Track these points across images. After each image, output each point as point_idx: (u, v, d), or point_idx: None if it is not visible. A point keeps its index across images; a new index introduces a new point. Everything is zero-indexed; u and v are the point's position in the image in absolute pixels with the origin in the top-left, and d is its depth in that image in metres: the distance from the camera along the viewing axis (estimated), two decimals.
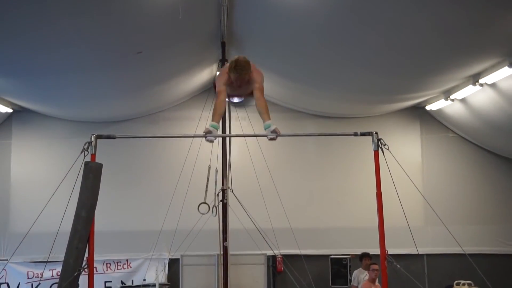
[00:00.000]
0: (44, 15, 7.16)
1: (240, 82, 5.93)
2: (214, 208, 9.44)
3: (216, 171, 9.77)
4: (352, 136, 6.17)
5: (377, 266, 9.57)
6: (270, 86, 12.17)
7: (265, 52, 10.13)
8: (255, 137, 10.98)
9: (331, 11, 7.68)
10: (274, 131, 5.88)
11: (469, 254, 7.65)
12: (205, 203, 9.32)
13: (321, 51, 9.24)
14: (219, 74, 6.18)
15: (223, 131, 10.23)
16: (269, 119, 5.94)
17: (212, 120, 5.87)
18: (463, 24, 7.66)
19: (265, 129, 5.96)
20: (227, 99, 7.06)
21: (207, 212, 9.31)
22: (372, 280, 9.61)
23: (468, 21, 7.56)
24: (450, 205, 12.31)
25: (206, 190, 9.60)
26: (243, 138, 11.35)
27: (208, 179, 9.66)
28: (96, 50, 8.66)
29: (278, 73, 10.75)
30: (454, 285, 11.54)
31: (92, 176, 5.29)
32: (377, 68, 9.77)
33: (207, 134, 5.78)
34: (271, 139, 5.92)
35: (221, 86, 6.02)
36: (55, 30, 7.58)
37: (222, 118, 10.40)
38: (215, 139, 6.07)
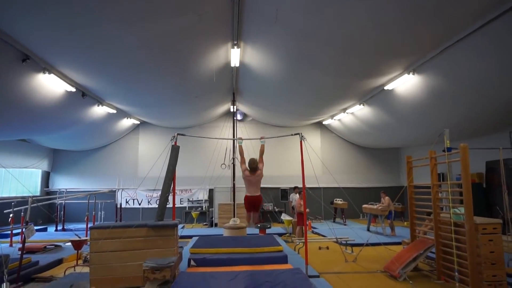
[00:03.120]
0: (152, 77, 7.05)
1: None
2: (228, 166, 9.41)
3: (229, 150, 9.70)
4: (291, 135, 6.18)
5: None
6: (255, 112, 12.17)
7: (253, 96, 10.09)
8: (248, 137, 10.95)
9: (282, 77, 7.58)
10: (262, 138, 5.83)
11: (342, 187, 7.71)
12: (224, 164, 9.29)
13: (277, 96, 9.15)
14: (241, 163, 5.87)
15: (233, 135, 10.19)
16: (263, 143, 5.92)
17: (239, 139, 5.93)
18: (340, 85, 7.64)
19: (261, 141, 5.95)
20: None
21: (225, 168, 9.27)
22: (300, 199, 9.67)
23: (341, 84, 7.54)
24: (333, 165, 12.35)
25: (225, 159, 9.57)
26: (245, 137, 11.23)
27: (225, 154, 9.63)
28: (175, 93, 8.51)
29: (258, 106, 10.71)
30: (334, 200, 11.69)
31: (174, 152, 5.23)
32: (301, 104, 9.72)
33: (238, 139, 5.94)
34: (262, 141, 5.87)
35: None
36: (157, 82, 7.39)
37: (233, 127, 10.35)
38: (242, 141, 6.13)
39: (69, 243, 7.04)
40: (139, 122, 12.24)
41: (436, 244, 5.12)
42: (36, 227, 9.14)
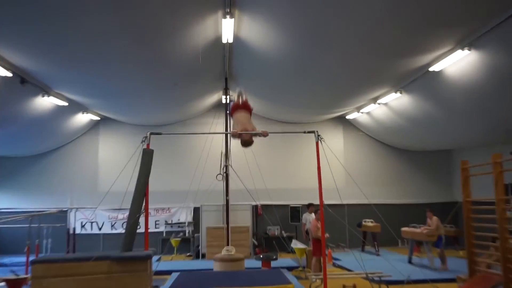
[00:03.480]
0: (120, 58, 7.10)
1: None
2: (222, 176, 9.41)
3: (222, 154, 9.75)
4: (303, 133, 6.18)
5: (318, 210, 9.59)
6: (255, 102, 12.17)
7: (252, 83, 10.09)
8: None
9: (291, 59, 7.63)
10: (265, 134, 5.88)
11: (373, 204, 7.71)
12: (220, 174, 9.29)
13: (285, 82, 9.19)
14: (233, 126, 6.06)
15: (225, 130, 10.19)
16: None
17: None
18: (369, 67, 7.66)
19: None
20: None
21: (222, 179, 9.26)
22: (317, 219, 9.63)
23: (374, 66, 7.57)
24: (360, 174, 12.35)
25: (221, 166, 9.57)
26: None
27: (221, 160, 9.66)
28: (150, 80, 8.59)
29: (259, 96, 10.71)
30: (363, 222, 11.66)
31: (147, 157, 5.25)
32: (318, 93, 9.79)
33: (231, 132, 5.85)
34: (263, 136, 5.90)
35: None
36: (126, 66, 7.53)
37: (225, 122, 10.39)
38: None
39: (3, 283, 6.97)
40: (99, 118, 12.26)
41: (504, 281, 5.07)
42: None
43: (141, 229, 5.51)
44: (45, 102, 8.85)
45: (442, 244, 8.79)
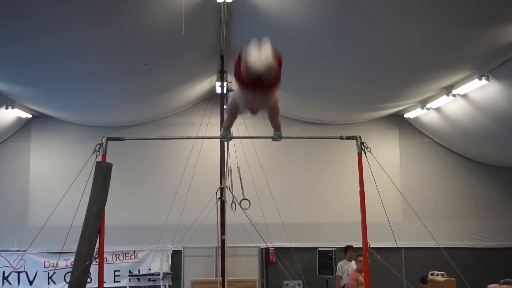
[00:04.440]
0: (59, 26, 7.16)
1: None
2: (233, 203, 9.34)
3: (233, 169, 9.71)
4: (338, 139, 6.20)
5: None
6: None
7: None
8: (251, 142, 11.04)
9: (321, 26, 7.67)
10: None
11: (443, 248, 7.66)
12: (246, 199, 9.24)
13: (311, 62, 9.24)
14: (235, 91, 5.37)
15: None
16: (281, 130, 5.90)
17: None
18: (438, 40, 7.66)
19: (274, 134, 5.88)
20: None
21: (248, 207, 9.21)
22: (359, 271, 9.59)
23: (443, 38, 7.57)
24: (425, 203, 12.29)
25: (242, 187, 9.54)
26: (240, 142, 11.31)
27: (240, 177, 9.59)
28: (107, 60, 8.67)
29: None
30: (429, 276, 11.56)
31: (103, 174, 5.30)
32: (360, 78, 9.77)
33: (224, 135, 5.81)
34: (276, 139, 5.87)
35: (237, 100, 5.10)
36: (69, 40, 7.57)
37: (221, 123, 10.47)
38: (231, 139, 6.10)
39: None
40: (30, 116, 12.27)
41: None
42: None
43: (93, 283, 5.54)
44: None
45: None
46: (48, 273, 12.20)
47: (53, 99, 11.11)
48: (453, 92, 9.89)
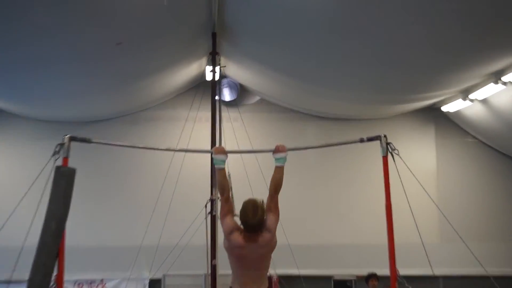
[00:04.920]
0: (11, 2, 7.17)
1: None
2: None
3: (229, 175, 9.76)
4: (358, 142, 6.18)
5: None
6: (266, 83, 12.25)
7: (260, 45, 10.11)
8: (249, 143, 11.05)
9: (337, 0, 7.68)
10: (279, 150, 5.95)
11: (493, 276, 7.65)
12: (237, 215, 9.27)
13: (324, 43, 9.24)
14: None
15: (213, 134, 10.22)
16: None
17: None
18: (485, 15, 7.65)
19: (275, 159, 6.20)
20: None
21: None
22: None
23: (491, 12, 7.57)
24: (469, 219, 12.32)
25: (232, 200, 9.55)
26: (235, 143, 11.31)
27: (231, 188, 9.57)
28: (70, 41, 8.62)
29: (275, 69, 10.73)
30: None
31: (63, 182, 5.26)
32: (386, 63, 9.76)
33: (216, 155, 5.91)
34: (278, 157, 6.10)
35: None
36: (24, 19, 7.54)
37: (212, 118, 10.45)
38: (224, 160, 6.04)
39: None
40: None
41: None
42: None
43: None
44: None
45: None
46: None
47: (2, 89, 11.08)
48: (504, 79, 9.89)
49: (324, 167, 13.01)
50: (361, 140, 6.09)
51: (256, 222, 5.49)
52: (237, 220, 5.81)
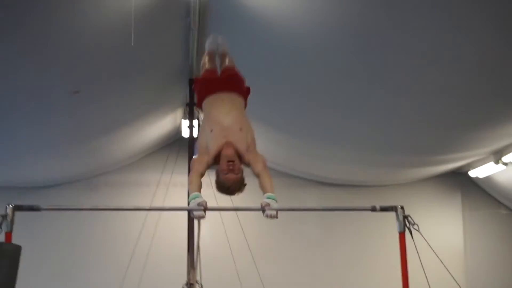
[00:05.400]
0: None
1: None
2: None
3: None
4: (369, 211, 6.19)
5: None
6: (258, 142, 12.26)
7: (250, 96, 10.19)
8: (235, 212, 11.03)
9: (341, 34, 7.76)
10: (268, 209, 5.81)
11: None
12: None
13: (324, 89, 9.31)
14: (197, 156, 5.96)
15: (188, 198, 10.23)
16: (273, 192, 5.88)
17: (192, 192, 5.82)
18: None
19: (267, 198, 5.85)
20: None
21: None
22: None
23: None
24: None
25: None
26: (218, 214, 11.31)
27: (197, 263, 9.67)
28: (16, 86, 8.55)
29: (268, 124, 10.77)
30: None
31: (6, 263, 5.22)
32: (403, 117, 9.84)
33: (195, 208, 5.71)
34: (270, 216, 5.78)
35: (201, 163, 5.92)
36: None
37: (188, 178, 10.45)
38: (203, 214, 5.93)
39: None
40: None
41: None
42: None
43: None
44: None
45: None
46: None
47: None
48: None
49: (326, 242, 13.05)
50: (373, 209, 6.06)
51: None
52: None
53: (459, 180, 13.18)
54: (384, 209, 5.97)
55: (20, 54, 7.77)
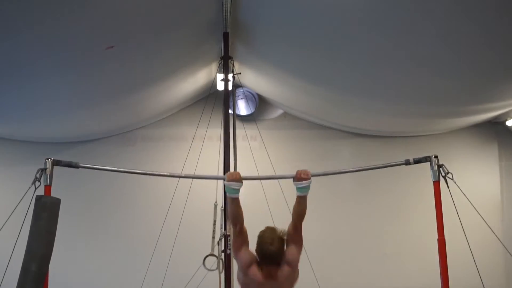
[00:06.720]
0: None
1: None
2: (220, 260, 9.41)
3: (220, 208, 9.79)
4: (403, 164, 6.16)
5: None
6: (290, 93, 12.29)
7: (282, 47, 10.10)
8: (271, 165, 11.00)
9: None
10: (301, 178, 6.07)
11: None
12: (213, 255, 9.29)
13: (360, 42, 9.20)
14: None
15: (226, 156, 10.19)
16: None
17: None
18: None
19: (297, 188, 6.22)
20: None
21: (216, 268, 9.29)
22: None
23: None
24: None
25: (213, 237, 9.60)
26: (254, 166, 11.28)
27: (214, 221, 9.67)
28: (51, 45, 8.59)
29: (300, 76, 10.74)
30: None
31: (46, 215, 5.24)
32: (439, 65, 9.67)
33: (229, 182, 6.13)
34: (300, 185, 6.11)
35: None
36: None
37: (224, 137, 10.43)
38: (239, 188, 6.32)
39: None
40: None
41: None
42: None
43: None
44: None
45: None
46: None
47: None
48: None
49: (362, 194, 13.06)
50: (407, 163, 6.06)
51: (274, 250, 5.63)
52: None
53: (495, 129, 13.05)
54: (417, 161, 5.96)
55: (54, 12, 7.73)
